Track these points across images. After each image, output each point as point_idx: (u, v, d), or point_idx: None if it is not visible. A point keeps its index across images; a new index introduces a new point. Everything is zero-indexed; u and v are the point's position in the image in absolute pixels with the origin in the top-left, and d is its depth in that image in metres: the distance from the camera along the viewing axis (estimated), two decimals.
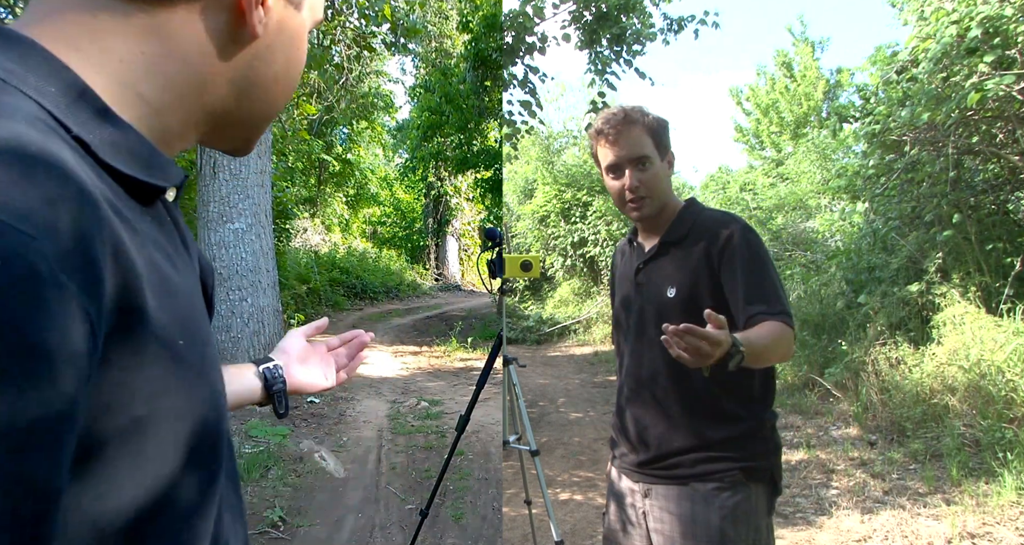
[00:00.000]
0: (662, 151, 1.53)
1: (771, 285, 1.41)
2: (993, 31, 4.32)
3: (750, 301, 1.39)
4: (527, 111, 7.66)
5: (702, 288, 1.46)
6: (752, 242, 1.44)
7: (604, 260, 11.28)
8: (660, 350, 1.39)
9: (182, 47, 0.49)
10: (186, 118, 0.52)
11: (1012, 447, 3.60)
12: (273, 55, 0.55)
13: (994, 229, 5.26)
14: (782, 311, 1.37)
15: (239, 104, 0.55)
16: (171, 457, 0.43)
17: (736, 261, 1.42)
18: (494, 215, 15.59)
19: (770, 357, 1.33)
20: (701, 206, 1.59)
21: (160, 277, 0.43)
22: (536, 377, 7.54)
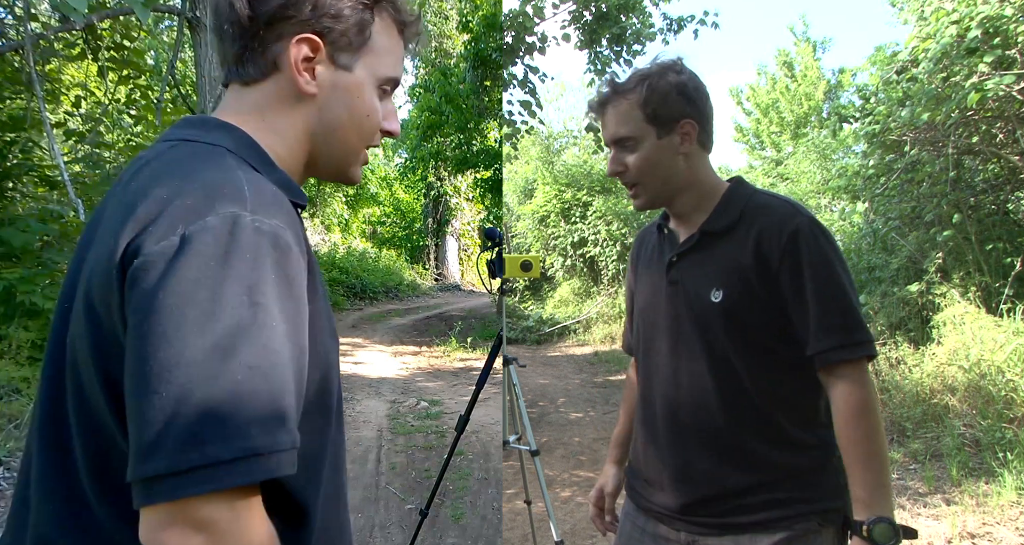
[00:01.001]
0: (661, 125, 1.21)
1: (847, 305, 1.13)
2: (993, 31, 4.32)
3: (823, 331, 1.12)
4: (527, 111, 7.66)
5: (755, 296, 1.17)
6: (823, 245, 1.15)
7: (604, 260, 11.28)
8: (706, 365, 1.20)
9: (281, 114, 0.78)
10: (299, 159, 0.80)
11: (1012, 447, 3.60)
12: (331, 107, 0.78)
13: (994, 229, 5.26)
14: (861, 341, 1.12)
15: (320, 146, 0.80)
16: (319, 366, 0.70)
17: (804, 272, 1.13)
18: (494, 215, 15.58)
19: (881, 448, 1.11)
20: (752, 188, 1.28)
21: (313, 260, 0.71)
22: (536, 377, 7.53)
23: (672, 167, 1.24)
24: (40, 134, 6.11)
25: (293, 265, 0.62)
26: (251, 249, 0.59)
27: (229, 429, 0.54)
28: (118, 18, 5.31)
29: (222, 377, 0.54)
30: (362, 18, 0.76)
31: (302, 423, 0.62)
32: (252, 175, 0.66)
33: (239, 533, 0.55)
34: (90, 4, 4.00)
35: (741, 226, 1.20)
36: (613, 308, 10.68)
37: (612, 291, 11.18)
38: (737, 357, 1.18)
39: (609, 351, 9.25)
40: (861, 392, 1.11)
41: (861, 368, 1.13)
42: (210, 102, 5.06)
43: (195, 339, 0.55)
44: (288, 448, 0.57)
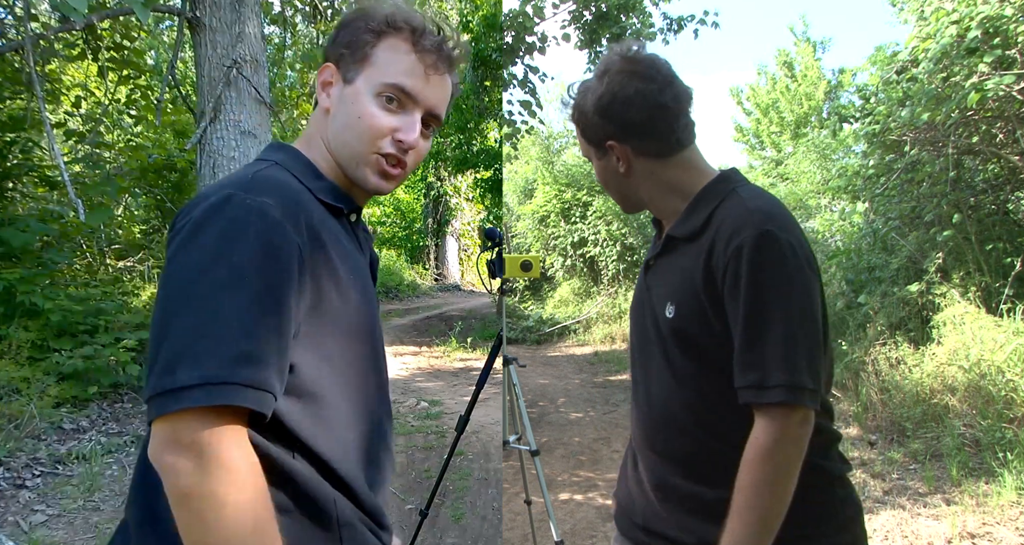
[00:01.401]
0: (596, 147, 1.16)
1: (774, 339, 0.96)
2: (993, 31, 4.32)
3: (741, 364, 0.99)
4: (527, 111, 7.66)
5: (704, 315, 1.05)
6: (765, 265, 0.98)
7: (604, 260, 11.28)
8: (670, 384, 1.11)
9: (317, 131, 0.96)
10: (335, 168, 0.95)
11: (1012, 447, 3.60)
12: (339, 115, 0.93)
13: (994, 229, 5.26)
14: (778, 385, 0.95)
15: (334, 152, 0.94)
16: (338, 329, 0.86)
17: (739, 295, 0.99)
18: (494, 215, 15.57)
19: (776, 504, 0.95)
20: (733, 184, 1.11)
21: (337, 241, 0.87)
22: (536, 377, 7.53)
23: (622, 185, 1.18)
24: (40, 134, 6.11)
25: (278, 235, 0.76)
26: (237, 217, 0.75)
27: (196, 362, 0.68)
28: (118, 18, 5.31)
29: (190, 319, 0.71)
30: (365, 40, 0.91)
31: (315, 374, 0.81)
32: (274, 175, 0.85)
33: (215, 453, 0.68)
34: (90, 4, 4.00)
35: (706, 233, 1.06)
36: (613, 308, 10.68)
37: (612, 291, 11.18)
38: (698, 377, 1.08)
39: (609, 351, 9.25)
40: (769, 439, 0.95)
41: (781, 415, 0.96)
42: (210, 102, 5.06)
43: (178, 291, 0.73)
44: (247, 383, 0.69)
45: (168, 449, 0.68)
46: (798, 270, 0.99)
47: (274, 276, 0.74)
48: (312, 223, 0.82)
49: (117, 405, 5.02)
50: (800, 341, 0.97)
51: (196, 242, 0.73)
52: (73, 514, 3.29)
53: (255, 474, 0.71)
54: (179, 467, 0.67)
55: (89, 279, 6.59)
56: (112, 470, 3.85)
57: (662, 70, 1.11)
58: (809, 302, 0.99)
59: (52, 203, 6.88)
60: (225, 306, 0.70)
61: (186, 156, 7.03)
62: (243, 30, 5.03)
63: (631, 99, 1.09)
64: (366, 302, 0.91)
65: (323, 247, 0.82)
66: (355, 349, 0.88)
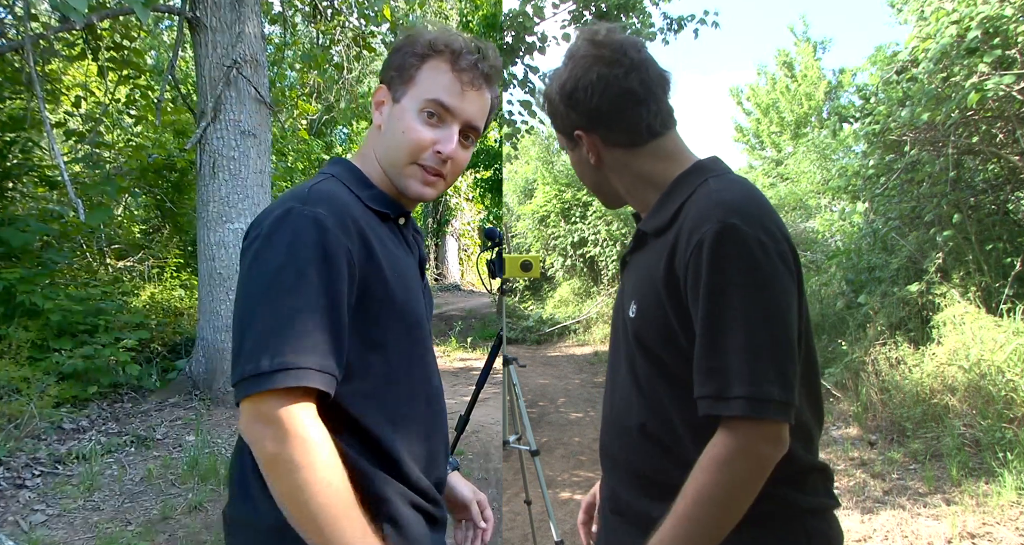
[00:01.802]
0: (567, 139, 1.11)
1: (734, 345, 0.87)
2: (993, 31, 4.32)
3: (700, 373, 0.90)
4: (527, 111, 7.66)
5: (664, 317, 0.96)
6: (726, 263, 0.88)
7: (604, 260, 11.28)
8: (631, 388, 1.04)
9: (371, 146, 1.09)
10: (385, 178, 1.06)
11: (1012, 447, 3.60)
12: (387, 131, 1.05)
13: (994, 229, 5.26)
14: (739, 396, 0.85)
15: (383, 165, 1.06)
16: (384, 322, 0.98)
17: (700, 296, 0.90)
18: (494, 215, 15.58)
19: (717, 518, 0.87)
20: (708, 173, 1.02)
21: (382, 243, 0.99)
22: (536, 377, 7.54)
23: (595, 177, 1.12)
24: (40, 134, 6.11)
25: (331, 241, 0.90)
26: (298, 228, 0.90)
27: (276, 351, 0.84)
28: (118, 18, 5.30)
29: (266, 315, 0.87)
30: (411, 63, 1.03)
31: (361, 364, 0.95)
32: (328, 188, 0.99)
33: (292, 426, 0.83)
34: (90, 4, 4.00)
35: (672, 228, 0.98)
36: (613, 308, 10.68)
37: (612, 291, 11.18)
38: (657, 385, 1.00)
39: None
40: (725, 451, 0.86)
41: (742, 430, 0.86)
42: (210, 102, 5.05)
43: (257, 293, 0.89)
44: (315, 368, 0.85)
45: (255, 423, 0.85)
46: (764, 267, 0.88)
47: (330, 276, 0.89)
48: (361, 228, 0.96)
49: (117, 405, 5.02)
50: (766, 347, 0.86)
51: (268, 250, 0.89)
52: (73, 514, 3.29)
53: (326, 441, 0.85)
54: (264, 437, 0.84)
55: (89, 279, 6.59)
56: (112, 470, 3.85)
57: (629, 53, 1.03)
58: (778, 303, 0.88)
59: (52, 203, 6.88)
60: (294, 305, 0.86)
61: (186, 156, 7.03)
62: (243, 30, 5.02)
63: (594, 85, 1.03)
64: (411, 298, 1.03)
65: (370, 249, 0.96)
66: (400, 338, 1.00)
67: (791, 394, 0.87)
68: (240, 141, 5.13)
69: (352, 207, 0.97)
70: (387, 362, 0.98)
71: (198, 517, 3.26)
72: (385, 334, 0.97)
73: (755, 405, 0.85)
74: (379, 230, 1.00)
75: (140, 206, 8.36)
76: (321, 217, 0.90)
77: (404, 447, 0.98)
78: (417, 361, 1.03)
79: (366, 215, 0.99)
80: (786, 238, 0.93)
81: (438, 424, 1.08)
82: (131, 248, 7.75)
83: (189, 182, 7.50)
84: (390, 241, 1.02)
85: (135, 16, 4.39)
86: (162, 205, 7.77)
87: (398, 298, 0.98)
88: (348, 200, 0.98)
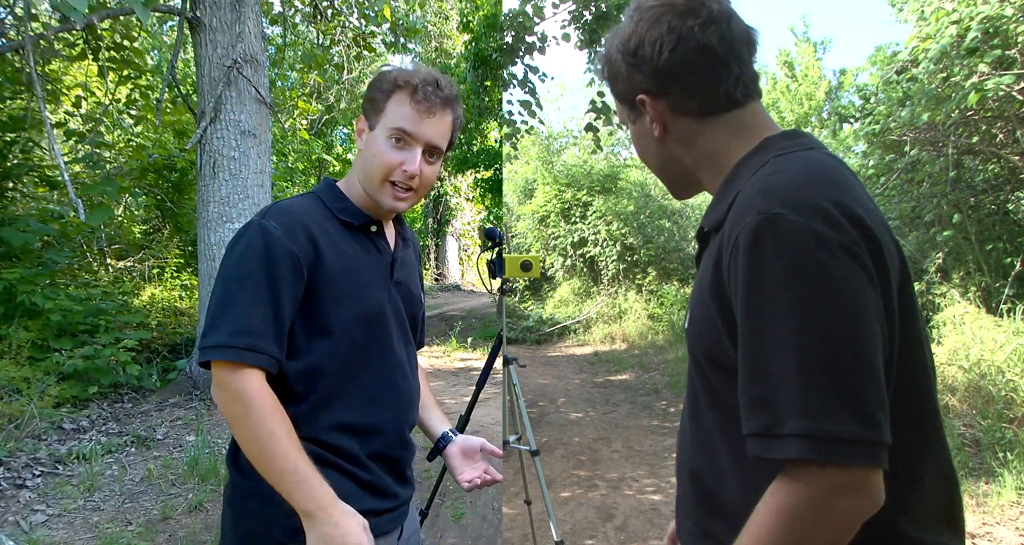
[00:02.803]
0: (629, 107, 0.93)
1: (779, 367, 0.68)
2: (993, 31, 4.32)
3: (747, 404, 0.72)
4: (527, 111, 7.66)
5: (713, 327, 0.80)
6: (763, 259, 0.71)
7: (604, 260, 11.28)
8: (689, 405, 0.92)
9: (356, 166, 1.28)
10: (363, 194, 1.25)
11: (1012, 447, 3.60)
12: (365, 155, 1.23)
13: (994, 229, 5.27)
14: (793, 434, 0.66)
15: (363, 183, 1.24)
16: (327, 310, 1.17)
17: (740, 304, 0.73)
18: (494, 215, 15.58)
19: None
20: (768, 155, 0.83)
21: (334, 245, 1.19)
22: (536, 377, 7.54)
23: (660, 154, 0.94)
24: (40, 134, 6.11)
25: (275, 246, 1.12)
26: (252, 235, 1.14)
27: (216, 331, 1.09)
28: (118, 18, 5.30)
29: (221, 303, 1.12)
30: (380, 97, 1.21)
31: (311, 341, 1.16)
32: (291, 202, 1.22)
33: (233, 388, 1.07)
34: (90, 4, 4.00)
35: (727, 222, 0.80)
36: (613, 308, 10.69)
37: (612, 291, 11.18)
38: (706, 402, 0.87)
39: (609, 351, 9.25)
40: (788, 502, 0.68)
41: (803, 476, 0.67)
42: (210, 102, 5.05)
43: (218, 285, 1.13)
44: (245, 347, 1.07)
45: (215, 387, 1.09)
46: (820, 265, 0.68)
47: (272, 275, 1.11)
48: (311, 234, 1.16)
49: (117, 405, 5.02)
50: (828, 367, 0.66)
51: (229, 254, 1.15)
52: (73, 514, 3.29)
53: (262, 397, 1.07)
54: (218, 398, 1.09)
55: (89, 279, 6.59)
56: (112, 470, 3.85)
57: (708, 2, 0.86)
58: (843, 309, 0.68)
59: (52, 203, 6.88)
60: (241, 297, 1.10)
61: (186, 156, 7.03)
62: (243, 30, 5.02)
63: (663, 39, 0.85)
64: (365, 293, 1.22)
65: (319, 251, 1.16)
66: (347, 325, 1.18)
67: (873, 429, 0.66)
68: (240, 141, 5.13)
69: (309, 217, 1.19)
70: (332, 345, 1.17)
71: (198, 517, 3.26)
72: (329, 321, 1.16)
73: (816, 445, 0.65)
74: (339, 236, 1.21)
75: (140, 206, 8.36)
76: (269, 227, 1.13)
77: (345, 418, 1.18)
78: (373, 345, 1.22)
79: (329, 224, 1.21)
80: (861, 225, 0.72)
81: (394, 401, 1.25)
82: (131, 248, 7.75)
83: (189, 182, 7.50)
84: (349, 245, 1.22)
85: (135, 16, 4.39)
86: (162, 205, 7.77)
87: (344, 291, 1.18)
88: (309, 212, 1.20)
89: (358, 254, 1.22)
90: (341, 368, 1.18)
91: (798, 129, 0.91)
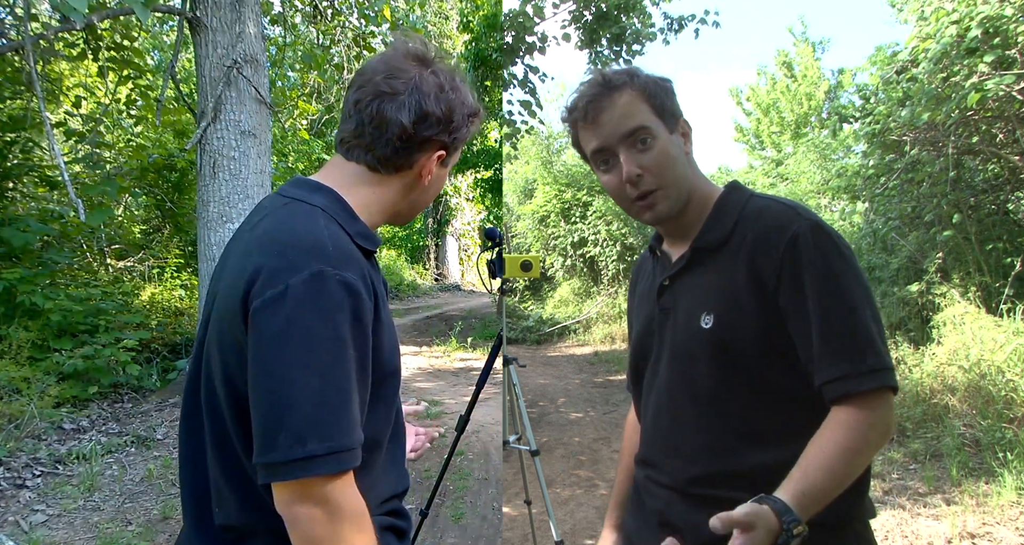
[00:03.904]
0: (668, 119, 1.06)
1: (859, 324, 0.93)
2: (993, 31, 4.32)
3: (827, 357, 0.93)
4: (527, 111, 7.66)
5: (750, 319, 0.98)
6: (829, 252, 0.95)
7: (604, 260, 11.28)
8: (691, 407, 1.05)
9: (391, 192, 1.05)
10: (383, 218, 1.06)
11: (1012, 447, 3.60)
12: (426, 190, 1.08)
13: (994, 229, 5.27)
14: (876, 369, 0.91)
15: (401, 212, 1.08)
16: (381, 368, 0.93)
17: (805, 286, 0.94)
18: (494, 215, 15.58)
19: (848, 478, 0.89)
20: (748, 192, 1.10)
21: (380, 291, 0.95)
22: (536, 377, 7.54)
23: (687, 167, 1.09)
24: (40, 134, 6.11)
25: (362, 308, 0.87)
26: (333, 294, 0.85)
27: (325, 433, 0.82)
28: (118, 18, 5.30)
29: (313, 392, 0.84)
30: (467, 132, 1.09)
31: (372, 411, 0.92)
32: (343, 243, 0.92)
33: (345, 504, 0.83)
34: (90, 4, 4.00)
35: (735, 237, 1.03)
36: (613, 308, 10.69)
37: (612, 291, 11.18)
38: (727, 394, 1.02)
39: (609, 351, 9.25)
40: (865, 426, 0.90)
41: (877, 402, 0.91)
42: (210, 102, 5.05)
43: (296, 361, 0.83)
44: (356, 447, 0.84)
45: (300, 502, 0.82)
46: (852, 254, 0.98)
47: (363, 343, 0.87)
48: (374, 283, 0.93)
49: (117, 405, 5.02)
50: (875, 321, 0.95)
51: (305, 316, 0.83)
52: (73, 514, 3.29)
53: (366, 515, 0.87)
54: (313, 518, 0.82)
55: (89, 279, 6.59)
56: (112, 470, 3.85)
57: None
58: (869, 283, 0.99)
59: (52, 203, 6.88)
60: (338, 381, 0.83)
61: (186, 156, 7.03)
62: (243, 30, 5.02)
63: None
64: (394, 332, 1.03)
65: (378, 307, 0.93)
66: (394, 382, 1.00)
67: (888, 358, 0.95)
68: (240, 141, 5.12)
69: (360, 259, 0.93)
70: (387, 410, 0.98)
71: None
72: (380, 381, 0.95)
73: (888, 375, 0.92)
74: (369, 269, 0.97)
75: (140, 206, 8.36)
76: (351, 281, 0.86)
77: (385, 484, 1.01)
78: (395, 406, 1.03)
79: (363, 259, 0.96)
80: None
81: (404, 447, 1.11)
82: (131, 248, 7.75)
83: (189, 182, 7.50)
84: (377, 278, 0.99)
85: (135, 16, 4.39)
86: (162, 205, 7.77)
87: (390, 344, 0.98)
88: (354, 250, 0.93)
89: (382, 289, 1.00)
90: (390, 434, 1.00)
91: (735, 179, 1.18)
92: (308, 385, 0.81)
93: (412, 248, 19.90)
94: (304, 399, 0.81)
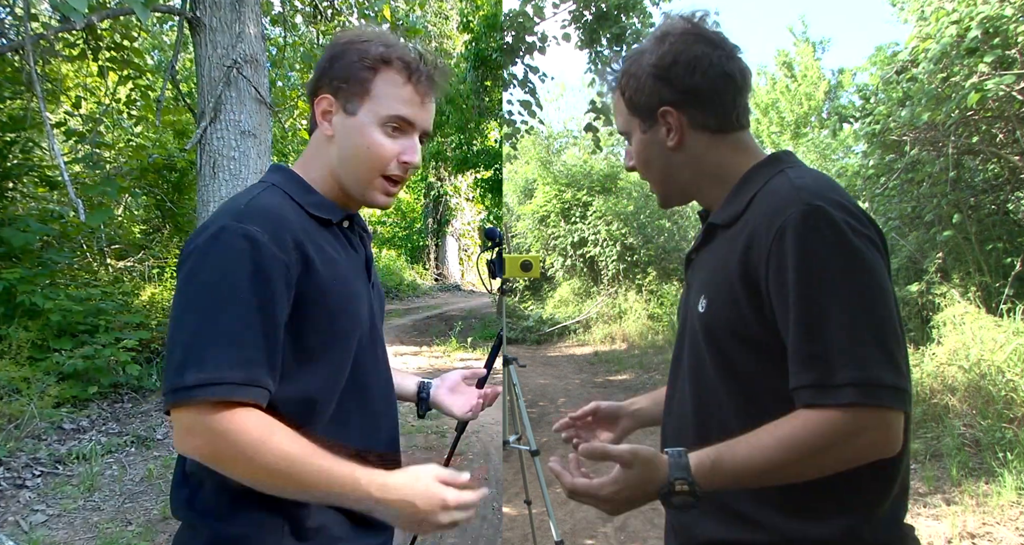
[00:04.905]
0: (642, 117, 1.04)
1: (836, 331, 0.81)
2: (993, 31, 4.32)
3: (796, 363, 0.84)
4: (527, 111, 7.66)
5: (739, 309, 0.91)
6: (814, 241, 0.84)
7: (604, 260, 11.28)
8: (690, 390, 1.02)
9: (318, 154, 1.09)
10: (333, 186, 1.08)
11: (1012, 447, 3.60)
12: (344, 144, 1.05)
13: (994, 229, 5.27)
14: (850, 383, 0.79)
15: (340, 176, 1.07)
16: (321, 329, 0.99)
17: (787, 281, 0.85)
18: (494, 215, 15.58)
19: (783, 471, 0.83)
20: (782, 165, 0.99)
21: (321, 251, 1.00)
22: (536, 377, 7.53)
23: (666, 163, 1.05)
24: (40, 134, 6.11)
25: (265, 257, 0.91)
26: (232, 244, 0.91)
27: (200, 365, 0.86)
28: (118, 18, 5.30)
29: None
30: (363, 76, 1.03)
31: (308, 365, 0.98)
32: (266, 200, 0.99)
33: (224, 432, 0.86)
34: (90, 4, 3.99)
35: (746, 216, 0.95)
36: (613, 308, 10.68)
37: (612, 291, 11.18)
38: (720, 383, 0.96)
39: (609, 351, 9.25)
40: (830, 431, 0.81)
41: (851, 419, 0.80)
42: (210, 102, 5.05)
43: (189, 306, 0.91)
44: (239, 382, 0.87)
45: (188, 434, 0.87)
46: (857, 247, 0.84)
47: (264, 292, 0.91)
48: (299, 241, 0.97)
49: (117, 405, 5.02)
50: (869, 328, 0.81)
51: (202, 267, 0.91)
52: (73, 514, 3.29)
53: (262, 423, 0.88)
54: (195, 446, 0.87)
55: (89, 279, 6.59)
56: (112, 470, 3.85)
57: (728, 40, 1.02)
58: (877, 284, 0.84)
59: (52, 203, 6.88)
60: (225, 320, 0.88)
61: (186, 156, 7.03)
62: (243, 30, 5.02)
63: (697, 61, 0.99)
64: (354, 305, 1.06)
65: (308, 262, 0.97)
66: (336, 345, 1.02)
67: (904, 380, 0.81)
68: (240, 141, 5.12)
69: (290, 219, 0.98)
70: (328, 369, 1.01)
71: None
72: (324, 341, 0.99)
73: (867, 391, 0.79)
74: (319, 237, 1.02)
75: (140, 206, 8.35)
76: (254, 233, 0.91)
77: (326, 429, 1.01)
78: (360, 365, 1.06)
79: (306, 223, 1.01)
80: (873, 225, 0.90)
81: (391, 415, 1.15)
82: (131, 248, 7.75)
83: (189, 182, 7.50)
84: (331, 246, 1.04)
85: (135, 16, 4.39)
86: (162, 205, 7.76)
87: (337, 307, 1.01)
88: (286, 211, 0.99)
89: (342, 258, 1.05)
90: (340, 393, 1.02)
91: (788, 150, 1.07)
92: (189, 325, 0.89)
93: (412, 248, 19.90)
94: (185, 336, 0.88)
